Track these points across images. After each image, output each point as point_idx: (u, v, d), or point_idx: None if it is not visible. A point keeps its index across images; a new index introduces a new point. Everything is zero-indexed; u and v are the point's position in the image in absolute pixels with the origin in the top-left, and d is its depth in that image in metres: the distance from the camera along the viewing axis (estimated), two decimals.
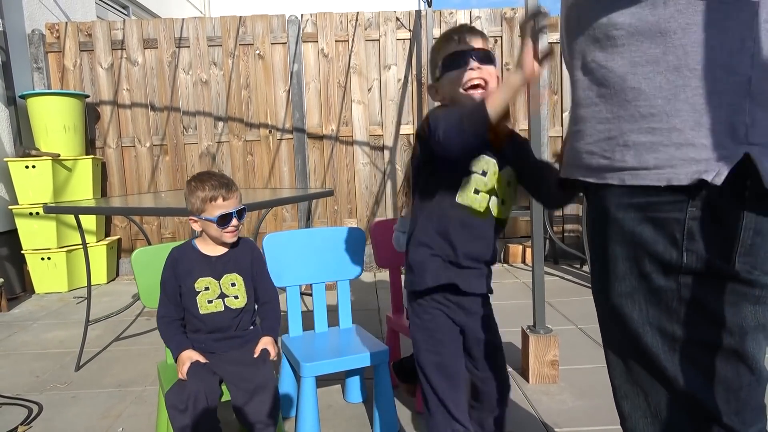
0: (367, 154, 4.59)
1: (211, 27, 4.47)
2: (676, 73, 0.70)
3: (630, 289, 0.78)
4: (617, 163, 0.76)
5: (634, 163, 0.74)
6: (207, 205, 1.61)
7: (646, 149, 0.73)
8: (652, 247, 0.74)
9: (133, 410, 2.13)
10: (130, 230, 4.61)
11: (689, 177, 0.70)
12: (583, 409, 1.99)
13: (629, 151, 0.74)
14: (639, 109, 0.73)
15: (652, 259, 0.75)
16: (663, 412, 0.78)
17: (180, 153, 4.55)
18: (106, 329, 3.12)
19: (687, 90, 0.70)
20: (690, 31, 0.69)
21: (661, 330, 0.76)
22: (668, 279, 0.74)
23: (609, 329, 0.85)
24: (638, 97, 0.73)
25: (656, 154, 0.72)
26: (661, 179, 0.71)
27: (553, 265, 4.47)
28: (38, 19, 4.46)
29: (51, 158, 3.92)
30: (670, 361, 0.75)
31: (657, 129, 0.72)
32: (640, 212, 0.75)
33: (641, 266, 0.76)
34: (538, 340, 2.19)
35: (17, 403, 2.21)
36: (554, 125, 4.63)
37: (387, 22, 4.49)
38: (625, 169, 0.75)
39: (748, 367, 0.74)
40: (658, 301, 0.76)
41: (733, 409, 0.74)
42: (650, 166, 0.73)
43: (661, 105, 0.71)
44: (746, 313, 0.73)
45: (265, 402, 1.51)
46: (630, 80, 0.74)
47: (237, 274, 1.70)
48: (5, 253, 3.97)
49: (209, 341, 1.65)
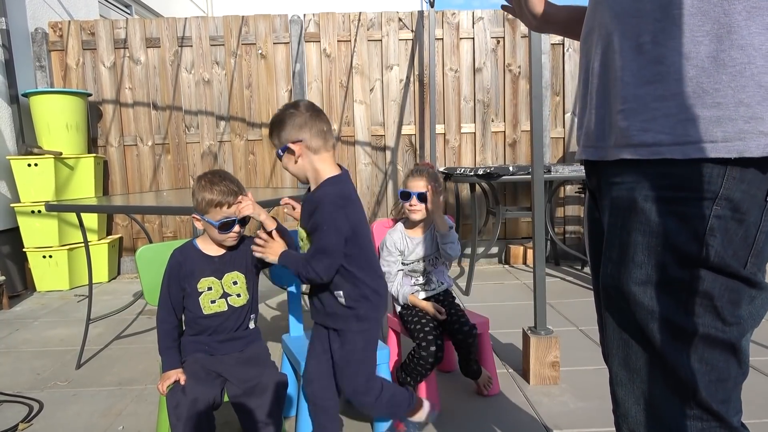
0: (369, 154, 4.59)
1: (214, 26, 4.47)
2: (740, 51, 0.71)
3: (645, 277, 0.80)
4: (680, 137, 0.76)
5: (698, 137, 0.74)
6: (211, 208, 1.60)
7: (713, 123, 0.73)
8: (674, 238, 0.77)
9: (133, 408, 2.14)
10: (131, 229, 4.62)
11: (761, 149, 0.71)
12: (584, 410, 1.99)
13: (693, 125, 0.75)
14: (702, 85, 0.74)
15: (672, 250, 0.77)
16: (656, 399, 0.82)
17: (182, 152, 4.55)
18: (107, 327, 3.12)
19: (752, 67, 0.71)
20: (754, 12, 0.71)
21: (667, 319, 0.79)
22: (683, 271, 0.77)
23: (613, 315, 0.87)
24: (701, 74, 0.74)
25: (724, 127, 0.73)
26: (731, 151, 0.72)
27: (554, 266, 4.47)
28: (41, 17, 4.47)
29: (53, 156, 3.93)
30: (672, 350, 0.79)
31: (723, 104, 0.73)
32: (668, 205, 0.77)
33: (661, 256, 0.78)
34: (539, 341, 2.19)
35: (18, 401, 2.21)
36: (556, 126, 4.63)
37: (389, 23, 4.49)
38: (689, 143, 0.75)
39: (738, 362, 0.79)
40: (670, 291, 0.78)
41: (721, 398, 0.79)
42: (718, 140, 0.73)
43: (726, 81, 0.72)
44: (743, 311, 0.77)
45: (264, 402, 1.51)
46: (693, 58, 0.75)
47: (238, 272, 1.70)
48: (7, 250, 3.98)
49: (212, 343, 1.65)
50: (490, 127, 4.60)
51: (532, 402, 2.07)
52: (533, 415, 1.97)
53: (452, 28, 4.51)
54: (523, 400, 2.09)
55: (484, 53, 4.54)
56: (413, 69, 4.54)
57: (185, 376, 1.54)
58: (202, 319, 1.65)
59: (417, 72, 4.54)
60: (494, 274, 4.31)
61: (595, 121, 0.89)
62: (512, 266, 4.57)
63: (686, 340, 0.78)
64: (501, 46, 4.55)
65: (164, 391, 1.52)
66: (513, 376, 2.30)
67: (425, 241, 2.16)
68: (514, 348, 2.57)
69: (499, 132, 4.62)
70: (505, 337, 2.75)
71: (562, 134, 4.62)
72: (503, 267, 4.56)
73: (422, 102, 4.56)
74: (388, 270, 2.13)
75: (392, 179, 4.58)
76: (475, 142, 4.61)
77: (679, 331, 0.78)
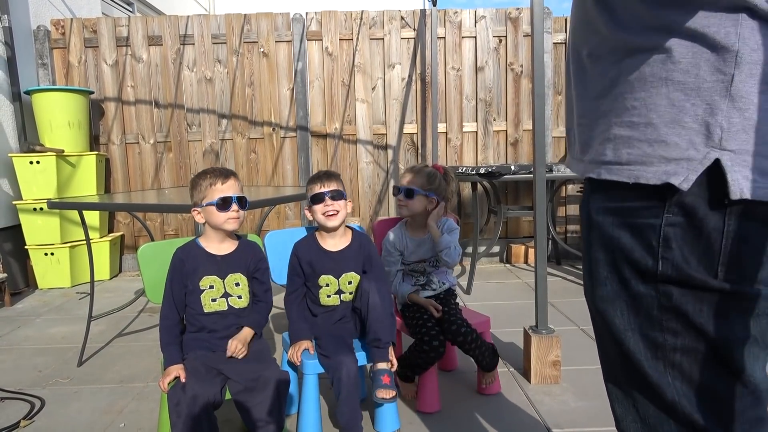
0: (371, 152, 4.59)
1: (216, 24, 4.47)
2: (660, 66, 0.68)
3: (611, 294, 0.76)
4: (599, 156, 0.75)
5: (611, 157, 0.72)
6: (208, 190, 1.65)
7: (623, 143, 0.71)
8: (629, 253, 0.72)
9: (135, 406, 2.14)
10: (133, 227, 4.62)
11: (658, 177, 0.67)
12: (585, 409, 1.99)
13: (609, 145, 0.73)
14: (625, 102, 0.72)
15: (630, 265, 0.73)
16: (650, 419, 0.76)
17: (184, 150, 4.55)
18: (108, 325, 3.13)
19: (669, 84, 0.67)
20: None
21: (643, 336, 0.74)
22: (647, 286, 0.72)
23: (597, 334, 0.84)
24: (625, 91, 0.72)
25: (630, 149, 0.70)
26: (631, 176, 0.69)
27: (556, 265, 4.46)
28: (43, 15, 4.47)
29: (55, 154, 3.93)
30: (653, 368, 0.73)
31: (635, 123, 0.70)
32: (618, 217, 0.73)
33: (621, 272, 0.74)
34: (540, 340, 2.19)
35: (19, 398, 2.22)
36: (558, 125, 4.62)
37: (391, 21, 4.49)
38: (603, 163, 0.74)
39: (738, 380, 0.70)
40: (639, 307, 0.73)
41: (724, 420, 0.71)
42: (623, 162, 0.71)
43: (642, 98, 0.69)
44: (735, 325, 0.69)
45: (266, 400, 1.51)
46: (624, 74, 0.72)
47: (241, 274, 1.71)
48: (9, 248, 3.98)
49: (212, 339, 1.66)
50: (491, 126, 4.60)
51: (533, 401, 2.07)
52: (534, 415, 1.97)
53: (454, 27, 4.51)
54: (524, 400, 2.09)
55: (486, 52, 4.54)
56: (415, 68, 4.54)
57: (186, 373, 1.55)
58: (202, 317, 1.66)
59: (419, 71, 4.54)
60: (495, 273, 4.30)
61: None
62: (513, 265, 4.57)
63: (666, 358, 0.72)
64: (503, 44, 4.55)
65: (165, 388, 1.53)
66: (514, 375, 2.30)
67: (426, 243, 2.14)
68: (515, 347, 2.57)
69: (500, 131, 4.61)
70: (506, 336, 2.75)
71: (564, 133, 4.61)
72: (504, 266, 4.56)
73: (424, 101, 4.55)
74: (388, 270, 2.13)
75: (394, 178, 4.58)
76: (477, 141, 4.60)
77: (656, 350, 0.73)
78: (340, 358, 1.69)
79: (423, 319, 2.00)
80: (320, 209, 1.84)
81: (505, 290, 3.76)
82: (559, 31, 4.54)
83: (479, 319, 2.16)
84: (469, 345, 1.98)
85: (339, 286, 1.88)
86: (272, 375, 1.55)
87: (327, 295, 1.87)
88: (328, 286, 1.87)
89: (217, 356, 1.63)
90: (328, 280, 1.87)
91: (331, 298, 1.88)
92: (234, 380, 1.55)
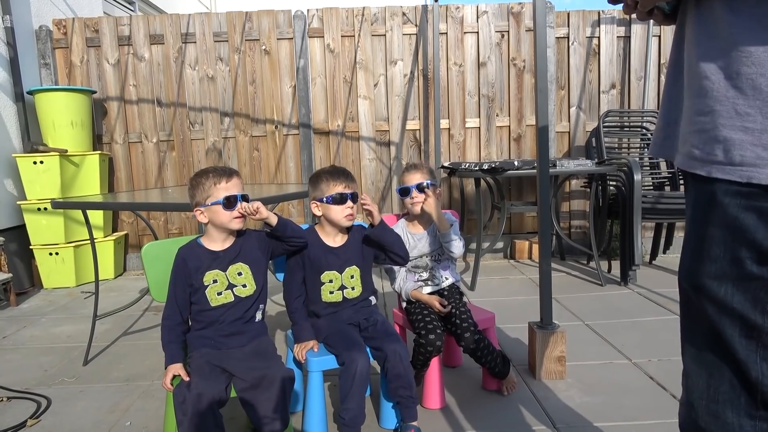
0: (373, 149, 4.59)
1: (217, 22, 4.47)
2: None
3: (720, 272, 0.80)
4: (709, 156, 0.79)
5: (722, 158, 0.77)
6: (212, 189, 1.65)
7: (735, 146, 0.76)
8: (752, 233, 0.76)
9: (140, 405, 2.15)
10: (137, 226, 4.63)
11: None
12: (590, 405, 1.99)
13: (719, 146, 0.78)
14: (737, 107, 0.76)
15: (749, 246, 0.77)
16: (723, 395, 0.81)
17: (186, 148, 4.56)
18: (114, 324, 3.14)
19: None
20: None
21: (742, 316, 0.78)
22: (762, 268, 0.76)
23: (689, 310, 0.87)
24: (738, 96, 0.76)
25: (743, 151, 0.75)
26: (743, 176, 0.74)
27: (560, 260, 4.45)
28: (45, 15, 4.47)
29: (58, 154, 3.94)
30: (744, 346, 0.78)
31: (750, 129, 0.75)
32: (746, 200, 0.77)
33: (737, 251, 0.78)
34: (545, 336, 2.18)
35: (26, 397, 2.23)
36: (561, 120, 4.61)
37: (393, 17, 4.47)
38: (714, 163, 0.78)
39: None
40: (746, 288, 0.78)
41: None
42: (735, 163, 0.76)
43: (759, 106, 0.74)
44: None
45: (271, 397, 1.51)
46: (735, 79, 0.76)
47: (242, 263, 1.71)
48: (14, 248, 4.00)
49: (217, 337, 1.66)
50: (494, 122, 4.58)
51: (538, 397, 2.07)
52: (539, 410, 1.97)
53: (456, 22, 4.49)
54: (529, 395, 2.09)
55: (488, 47, 4.52)
56: (417, 64, 4.53)
57: (191, 371, 1.55)
58: (210, 311, 1.66)
59: (421, 67, 4.52)
60: (499, 268, 4.30)
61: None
62: (518, 261, 4.56)
63: (759, 339, 0.77)
64: (505, 40, 4.53)
65: (169, 387, 1.53)
66: (519, 370, 2.30)
67: (427, 237, 2.15)
68: (520, 343, 2.57)
69: (503, 126, 4.60)
70: (511, 332, 2.75)
71: (567, 128, 4.60)
72: (508, 262, 4.55)
73: (426, 97, 4.54)
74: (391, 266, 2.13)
75: (397, 174, 4.57)
76: (480, 137, 4.59)
77: (754, 331, 0.77)
78: (353, 355, 1.70)
79: (423, 314, 2.00)
80: (342, 210, 1.84)
81: (509, 286, 3.76)
82: (562, 26, 4.52)
83: (484, 316, 2.15)
84: (482, 352, 1.98)
85: (342, 281, 1.88)
86: (277, 372, 1.55)
87: (330, 291, 1.88)
88: (332, 282, 1.87)
89: (222, 354, 1.63)
90: (332, 276, 1.87)
91: (333, 294, 1.88)
92: (239, 377, 1.55)
